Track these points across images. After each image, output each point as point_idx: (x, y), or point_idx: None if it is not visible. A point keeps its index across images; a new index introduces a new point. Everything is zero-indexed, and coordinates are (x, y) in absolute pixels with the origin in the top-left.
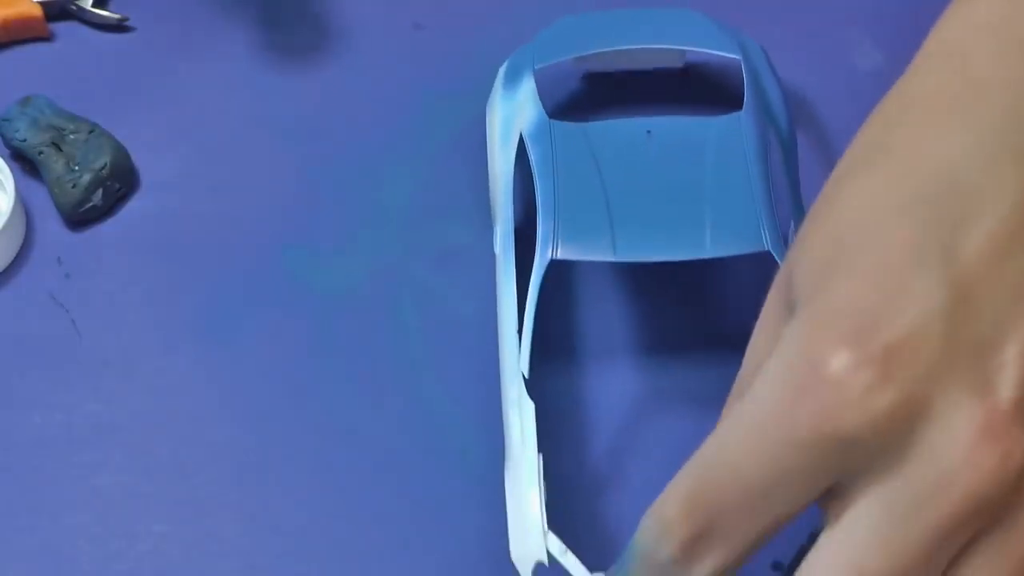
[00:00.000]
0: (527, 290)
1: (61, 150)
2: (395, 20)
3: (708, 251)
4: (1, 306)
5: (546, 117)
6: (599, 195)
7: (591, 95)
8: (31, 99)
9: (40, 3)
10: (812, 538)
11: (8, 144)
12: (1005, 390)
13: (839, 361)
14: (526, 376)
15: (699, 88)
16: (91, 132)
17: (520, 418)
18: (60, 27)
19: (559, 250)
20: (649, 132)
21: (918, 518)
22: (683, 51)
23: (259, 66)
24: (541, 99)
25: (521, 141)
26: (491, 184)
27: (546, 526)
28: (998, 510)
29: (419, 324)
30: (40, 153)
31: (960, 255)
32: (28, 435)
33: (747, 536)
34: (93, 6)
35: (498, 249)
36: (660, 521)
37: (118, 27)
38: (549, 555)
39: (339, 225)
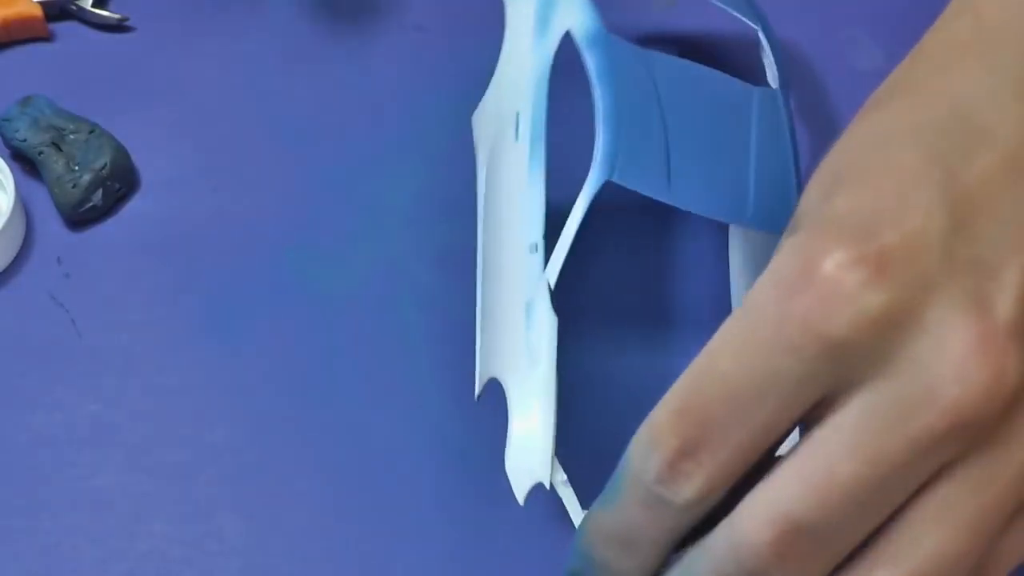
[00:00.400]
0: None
1: (61, 150)
2: (396, 21)
3: (749, 221)
4: (1, 306)
5: (604, 26)
6: (659, 129)
7: None
8: (31, 99)
9: (40, 3)
10: None
11: (8, 144)
12: (1002, 310)
13: (833, 260)
14: (552, 287)
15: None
16: (91, 132)
17: (539, 330)
18: (60, 27)
19: (618, 172)
20: (702, 81)
21: (899, 428)
22: None
23: (259, 66)
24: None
25: (563, 44)
26: (507, 67)
27: (554, 452)
28: (982, 435)
29: (419, 324)
30: (40, 153)
31: (964, 179)
32: (28, 435)
33: (735, 451)
34: (93, 6)
35: (521, 140)
36: (649, 433)
37: (118, 27)
38: (551, 482)
39: (339, 225)
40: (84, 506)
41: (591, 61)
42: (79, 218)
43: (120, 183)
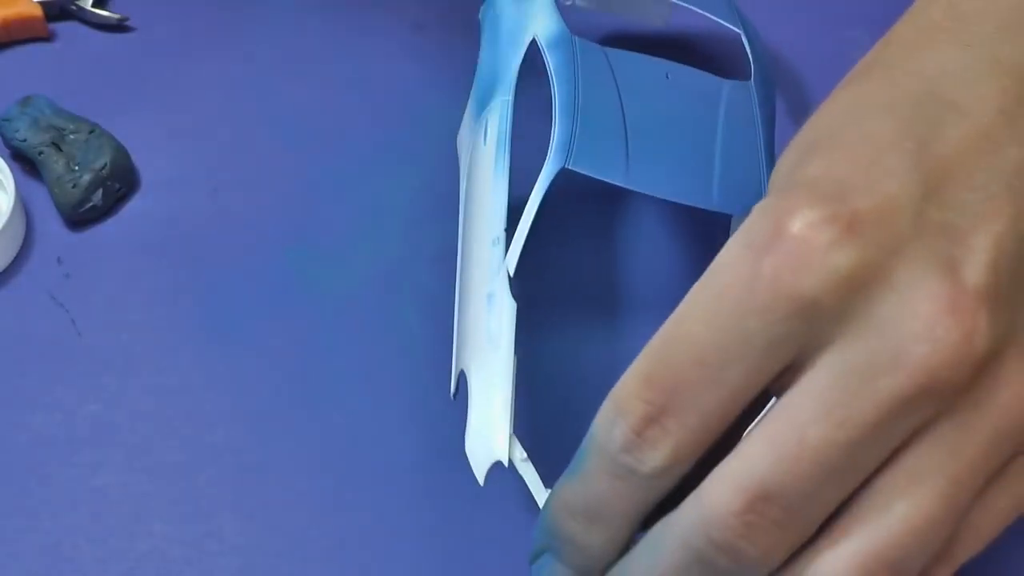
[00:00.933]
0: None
1: (61, 150)
2: (395, 20)
3: (714, 204)
4: (1, 306)
5: (567, 30)
6: (617, 117)
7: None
8: (31, 99)
9: (40, 3)
10: None
11: (8, 144)
12: (972, 274)
13: (803, 219)
14: (511, 274)
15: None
16: (91, 132)
17: (499, 316)
18: (60, 27)
19: (573, 158)
20: (668, 75)
21: (868, 390)
22: (670, 8)
23: (259, 66)
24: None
25: (529, 51)
26: (480, 82)
27: (512, 430)
28: (952, 399)
29: (420, 324)
30: (40, 153)
31: (937, 150)
32: (28, 435)
33: (704, 417)
34: (93, 6)
35: (488, 144)
36: (615, 402)
37: (118, 27)
38: (510, 460)
39: (339, 225)
40: (84, 506)
41: (551, 61)
42: (79, 218)
43: (120, 183)
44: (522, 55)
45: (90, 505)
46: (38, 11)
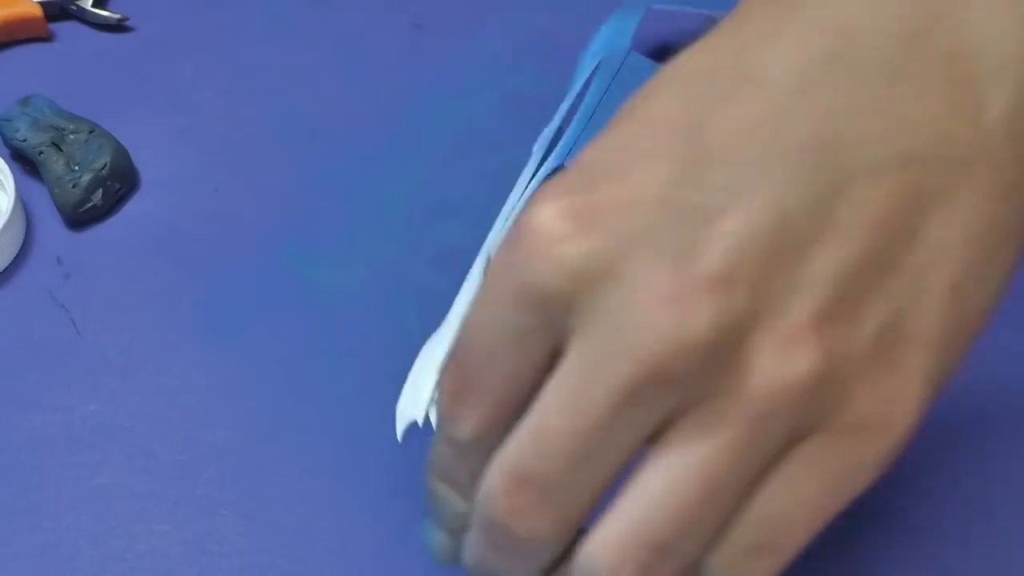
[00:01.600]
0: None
1: (61, 150)
2: (395, 20)
3: None
4: (1, 306)
5: (627, 47)
6: None
7: None
8: (31, 99)
9: (40, 3)
10: None
11: (8, 144)
12: (706, 261)
13: (546, 212)
14: (491, 258)
15: None
16: (91, 132)
17: (464, 296)
18: (60, 27)
19: (571, 159)
20: None
21: (599, 379)
22: None
23: (259, 66)
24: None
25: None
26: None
27: (436, 395)
28: (702, 384)
29: (420, 324)
30: (40, 153)
31: (714, 124)
32: (28, 435)
33: (493, 395)
34: (93, 6)
35: (535, 154)
36: (440, 376)
37: (118, 27)
38: (426, 420)
39: (339, 225)
40: (84, 506)
41: (594, 72)
42: (79, 218)
43: (120, 183)
44: (587, 75)
45: (90, 505)
46: (38, 11)
